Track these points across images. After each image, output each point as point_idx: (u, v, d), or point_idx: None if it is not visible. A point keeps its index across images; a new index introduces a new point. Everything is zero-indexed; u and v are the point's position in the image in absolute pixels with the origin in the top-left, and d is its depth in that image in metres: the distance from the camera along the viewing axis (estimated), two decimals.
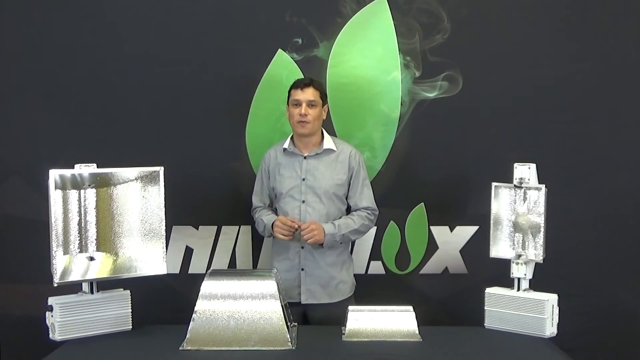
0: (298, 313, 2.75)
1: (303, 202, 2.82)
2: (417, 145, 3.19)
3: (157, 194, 2.58)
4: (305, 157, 2.86)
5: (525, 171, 2.61)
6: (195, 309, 2.38)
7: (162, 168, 2.58)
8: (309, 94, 2.78)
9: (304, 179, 2.84)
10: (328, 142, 2.88)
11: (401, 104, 3.18)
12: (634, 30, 3.17)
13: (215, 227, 3.24)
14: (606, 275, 3.22)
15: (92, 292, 2.54)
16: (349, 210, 2.91)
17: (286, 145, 2.87)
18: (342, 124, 3.19)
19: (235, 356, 2.30)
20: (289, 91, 2.84)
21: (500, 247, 2.68)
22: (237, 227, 3.22)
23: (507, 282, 2.65)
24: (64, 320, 2.46)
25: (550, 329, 2.53)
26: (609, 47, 3.16)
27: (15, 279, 3.18)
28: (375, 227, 3.19)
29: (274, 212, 2.92)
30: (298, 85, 2.81)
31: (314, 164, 2.85)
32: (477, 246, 3.04)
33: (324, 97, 2.86)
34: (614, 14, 3.15)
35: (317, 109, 2.80)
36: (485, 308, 2.65)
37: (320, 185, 2.83)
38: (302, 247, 2.82)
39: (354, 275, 3.02)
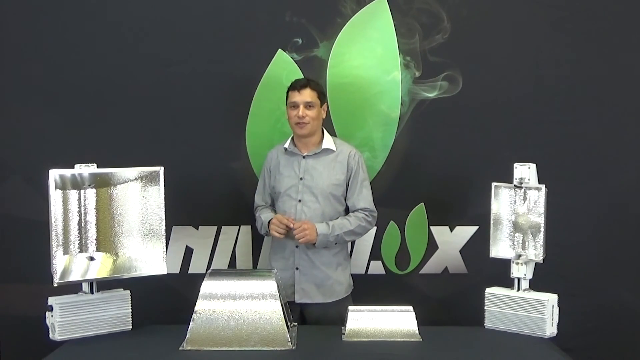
0: (295, 312, 2.75)
1: (299, 201, 2.82)
2: (417, 145, 3.19)
3: (157, 194, 2.58)
4: (304, 157, 2.86)
5: (525, 171, 2.61)
6: (195, 309, 2.38)
7: (162, 168, 2.58)
8: (306, 95, 2.78)
9: (301, 179, 2.84)
10: (327, 142, 2.88)
11: (401, 104, 3.18)
12: (634, 30, 3.17)
13: (215, 227, 3.24)
14: (606, 275, 3.22)
15: (92, 292, 2.54)
16: (347, 211, 2.91)
17: (287, 145, 2.88)
18: (342, 124, 3.19)
19: (235, 356, 2.30)
20: (287, 92, 2.84)
21: (500, 247, 2.68)
22: (237, 227, 3.22)
23: (507, 282, 2.65)
24: (64, 320, 2.46)
25: (550, 329, 2.53)
26: (609, 47, 3.16)
27: (15, 279, 3.18)
28: (375, 227, 3.19)
29: (274, 210, 2.92)
30: (295, 86, 2.80)
31: (312, 164, 2.86)
32: (477, 246, 3.05)
33: (322, 96, 2.85)
34: (614, 14, 3.15)
35: (315, 109, 2.80)
36: (485, 308, 2.65)
37: (317, 184, 2.83)
38: (297, 247, 2.82)
39: (354, 275, 3.02)
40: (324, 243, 2.77)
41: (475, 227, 3.19)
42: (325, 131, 2.91)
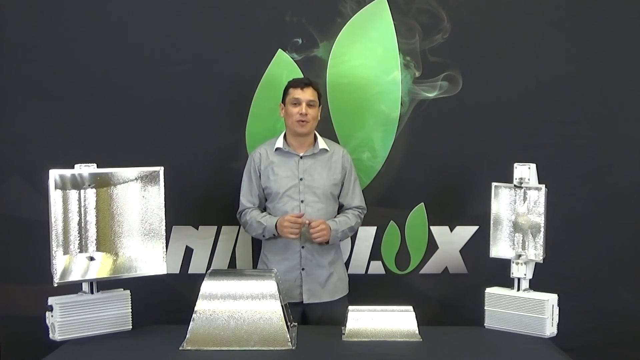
0: (297, 312, 2.76)
1: (302, 201, 2.82)
2: (417, 145, 3.19)
3: (157, 194, 2.58)
4: (301, 157, 2.86)
5: (525, 171, 2.61)
6: (195, 309, 2.38)
7: (162, 168, 2.58)
8: (309, 94, 2.79)
9: (301, 179, 2.84)
10: (322, 142, 2.89)
11: (401, 104, 3.18)
12: (633, 30, 3.17)
13: (215, 227, 3.24)
14: (606, 275, 3.22)
15: (92, 292, 2.54)
16: (339, 209, 2.93)
17: (279, 144, 2.87)
18: (342, 124, 3.19)
19: (235, 356, 2.30)
20: (287, 89, 2.84)
21: (500, 247, 2.68)
22: (237, 227, 3.21)
23: (507, 282, 2.65)
24: (64, 320, 2.46)
25: (550, 329, 2.53)
26: (608, 47, 3.16)
27: (15, 279, 3.17)
28: (375, 227, 3.21)
29: (266, 212, 2.90)
30: (297, 84, 2.81)
31: (310, 164, 2.86)
32: (477, 246, 3.05)
33: (320, 97, 2.86)
34: (613, 13, 3.15)
35: (315, 109, 2.81)
36: (485, 308, 2.65)
37: (319, 185, 2.83)
38: (303, 247, 2.82)
39: (354, 275, 3.05)
40: (334, 239, 2.80)
41: (475, 227, 3.19)
42: (316, 131, 2.91)
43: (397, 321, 2.49)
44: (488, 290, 2.65)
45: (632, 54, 3.18)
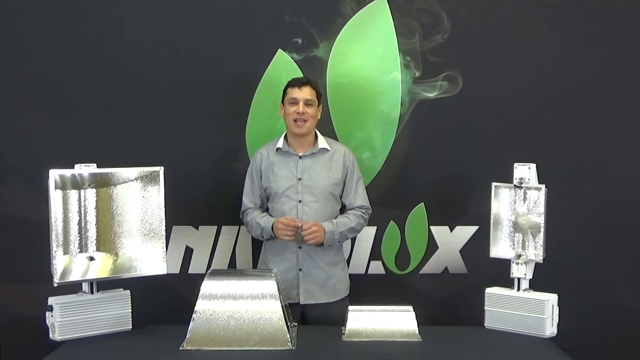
0: (296, 313, 2.75)
1: (300, 202, 2.82)
2: (417, 145, 3.19)
3: (157, 194, 2.58)
4: (300, 157, 2.86)
5: (525, 171, 2.61)
6: (195, 309, 2.39)
7: (162, 168, 2.58)
8: (307, 92, 2.79)
9: (300, 179, 2.83)
10: (322, 141, 2.88)
11: (401, 104, 3.18)
12: (633, 30, 3.17)
13: (215, 227, 3.24)
14: (606, 275, 3.22)
15: (92, 292, 2.54)
16: (342, 210, 2.92)
17: (280, 144, 2.86)
18: (342, 124, 3.19)
19: (235, 356, 2.30)
20: (285, 89, 2.84)
21: (500, 247, 2.68)
22: (237, 227, 3.22)
23: (507, 282, 2.65)
24: (64, 320, 2.46)
25: (550, 329, 2.53)
26: (608, 47, 3.16)
27: (15, 279, 3.18)
28: (375, 227, 3.20)
29: (267, 212, 2.91)
30: (295, 83, 2.81)
31: (310, 164, 2.85)
32: (477, 246, 3.05)
33: (319, 96, 2.86)
34: (613, 14, 3.15)
35: (314, 108, 2.81)
36: (485, 308, 2.65)
37: (317, 185, 2.83)
38: (300, 248, 2.82)
39: (354, 275, 3.04)
40: (330, 241, 2.78)
41: (475, 227, 3.19)
42: (317, 131, 2.91)
43: (397, 321, 2.49)
44: (488, 290, 2.65)
45: (632, 53, 3.18)
